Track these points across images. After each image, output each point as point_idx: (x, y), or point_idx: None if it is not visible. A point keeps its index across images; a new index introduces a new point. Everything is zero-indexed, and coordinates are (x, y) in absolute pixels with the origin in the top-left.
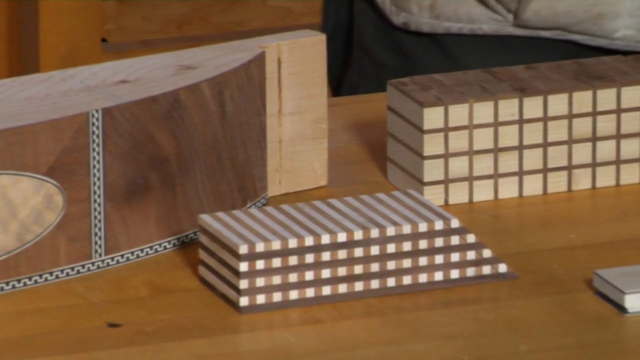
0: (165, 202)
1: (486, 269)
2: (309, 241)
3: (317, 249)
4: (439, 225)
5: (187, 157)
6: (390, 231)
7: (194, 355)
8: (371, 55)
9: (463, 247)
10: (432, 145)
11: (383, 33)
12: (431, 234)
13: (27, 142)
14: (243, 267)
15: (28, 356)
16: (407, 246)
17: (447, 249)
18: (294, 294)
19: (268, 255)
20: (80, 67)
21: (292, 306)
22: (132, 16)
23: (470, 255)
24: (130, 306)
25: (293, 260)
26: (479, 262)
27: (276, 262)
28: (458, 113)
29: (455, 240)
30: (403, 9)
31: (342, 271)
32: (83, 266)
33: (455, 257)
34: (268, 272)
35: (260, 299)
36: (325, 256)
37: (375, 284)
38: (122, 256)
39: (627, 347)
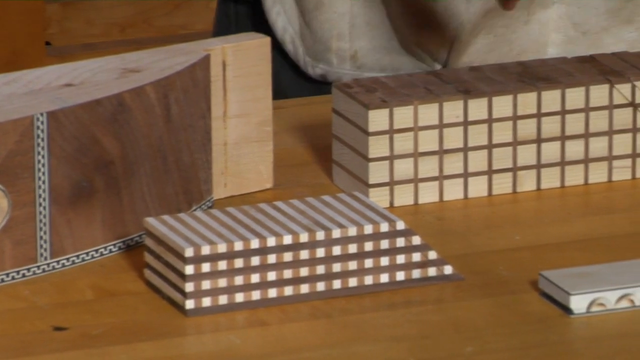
0: (111, 205)
1: (431, 271)
2: (254, 244)
3: (263, 251)
4: (384, 227)
5: (132, 160)
6: (336, 233)
7: (140, 358)
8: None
9: (408, 249)
10: (377, 147)
11: (301, 81)
12: (377, 236)
13: None
14: (189, 270)
15: None
16: (352, 248)
17: (392, 251)
18: (239, 297)
19: (214, 258)
20: (24, 71)
21: (238, 309)
22: (76, 19)
23: (416, 257)
24: (76, 309)
25: (239, 262)
26: (424, 264)
27: (222, 265)
28: (403, 115)
29: (400, 242)
30: (320, 60)
31: (287, 274)
32: (28, 269)
33: (400, 259)
34: (214, 274)
35: (206, 301)
36: (271, 259)
37: (321, 286)
38: (67, 259)
39: (573, 348)
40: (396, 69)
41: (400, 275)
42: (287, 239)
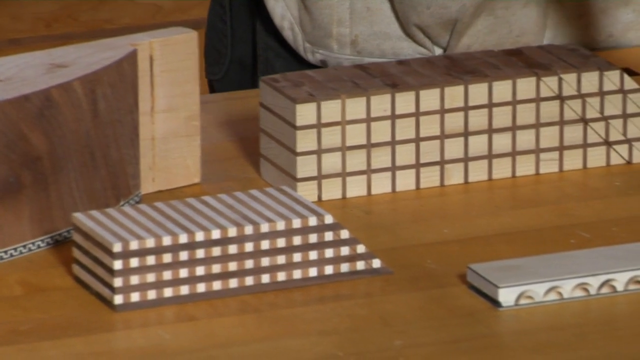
0: (39, 201)
1: (360, 265)
2: (183, 239)
3: (191, 246)
4: (312, 221)
5: (60, 155)
6: (264, 228)
7: (69, 354)
8: None
9: (337, 243)
10: (304, 141)
11: (295, 69)
12: (305, 230)
13: None
14: (117, 265)
15: None
16: (281, 242)
17: (321, 245)
18: (168, 292)
19: (142, 253)
20: None
21: (167, 304)
22: (1, 15)
23: (344, 251)
24: (4, 305)
25: (167, 257)
26: (352, 258)
27: (150, 260)
28: (330, 109)
29: (329, 236)
30: (320, 46)
31: (216, 268)
32: None
33: (329, 253)
34: (142, 270)
35: (135, 296)
36: (200, 253)
37: (249, 280)
38: None
39: (501, 341)
40: (396, 54)
41: (329, 269)
42: (216, 234)
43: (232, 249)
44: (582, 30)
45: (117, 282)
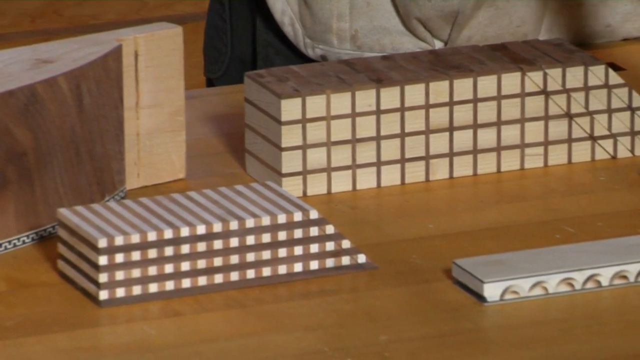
0: (24, 196)
1: (345, 260)
2: (168, 234)
3: (176, 241)
4: (297, 216)
5: (45, 151)
6: (250, 223)
7: (54, 349)
8: None
9: (322, 238)
10: (289, 136)
11: (298, 64)
12: (290, 226)
13: None
14: (102, 260)
15: None
16: (266, 238)
17: (306, 240)
18: (153, 287)
19: (127, 248)
20: None
21: (152, 299)
22: None
23: (330, 246)
24: None
25: (152, 253)
26: (338, 253)
27: (135, 256)
28: (315, 104)
29: (314, 231)
30: (320, 41)
31: (201, 264)
32: None
33: (314, 248)
34: (127, 265)
35: (120, 292)
36: (185, 249)
37: (234, 276)
38: None
39: (487, 336)
40: (396, 49)
41: (314, 265)
42: (201, 229)
43: (218, 244)
44: (581, 20)
45: (103, 277)
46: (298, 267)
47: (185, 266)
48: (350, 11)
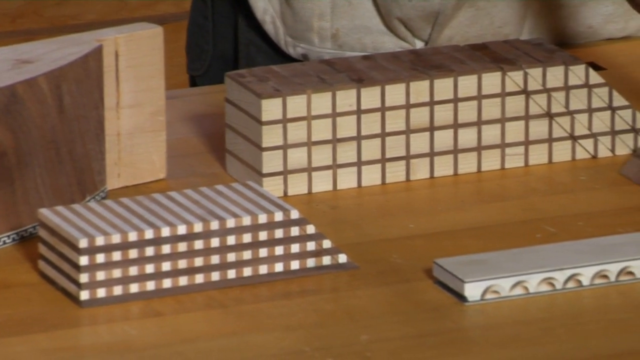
0: (4, 196)
1: (326, 260)
2: (149, 234)
3: (157, 241)
4: (278, 216)
5: (25, 151)
6: (230, 223)
7: (35, 349)
8: None
9: (303, 238)
10: (270, 136)
11: (279, 62)
12: (271, 225)
13: None
14: (83, 261)
15: None
16: (247, 238)
17: (287, 240)
18: (134, 287)
19: (108, 248)
20: None
21: (133, 299)
22: None
23: (310, 246)
24: None
25: (133, 253)
26: (318, 253)
27: (116, 256)
28: (296, 104)
29: (295, 231)
30: (302, 39)
31: (182, 264)
32: None
33: (295, 248)
34: (108, 265)
35: (101, 292)
36: (166, 249)
37: (215, 276)
38: None
39: (467, 335)
40: (377, 48)
41: (294, 265)
42: (182, 229)
43: (198, 244)
44: (562, 21)
45: (83, 277)
46: (279, 267)
47: (166, 266)
48: (331, 10)
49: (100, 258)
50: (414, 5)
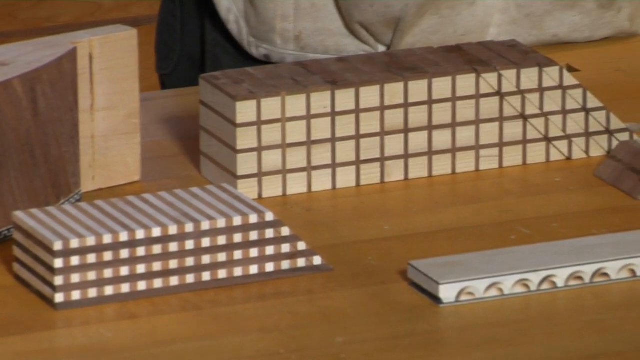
0: None
1: (301, 262)
2: (123, 236)
3: (132, 244)
4: (253, 218)
5: None
6: (205, 225)
7: (9, 352)
8: None
9: (278, 240)
10: (245, 138)
11: (242, 65)
12: (246, 228)
13: None
14: (58, 263)
15: None
16: (222, 240)
17: (261, 242)
18: (109, 290)
19: (83, 251)
20: None
21: (108, 302)
22: None
23: (285, 248)
24: None
25: (108, 255)
26: (293, 255)
27: (91, 258)
28: (271, 106)
29: (269, 233)
30: (264, 40)
31: (157, 266)
32: None
33: (270, 250)
34: (83, 268)
35: (76, 295)
36: (140, 251)
37: (190, 278)
38: None
39: (442, 337)
40: (340, 51)
41: (269, 267)
42: (156, 232)
43: (173, 246)
44: (527, 30)
45: (58, 280)
46: (254, 269)
47: (140, 269)
48: (294, 12)
49: (75, 260)
50: (375, 11)
